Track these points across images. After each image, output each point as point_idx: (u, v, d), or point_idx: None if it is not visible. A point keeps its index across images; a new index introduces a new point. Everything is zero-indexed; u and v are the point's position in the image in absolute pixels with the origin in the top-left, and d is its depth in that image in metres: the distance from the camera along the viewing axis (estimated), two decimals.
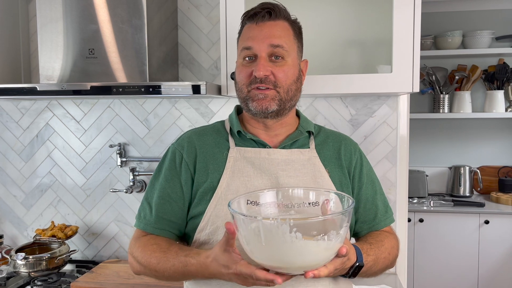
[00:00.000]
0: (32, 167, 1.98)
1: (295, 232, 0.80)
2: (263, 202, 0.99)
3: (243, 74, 1.10)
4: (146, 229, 1.13)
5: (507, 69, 3.05)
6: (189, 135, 1.19)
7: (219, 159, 1.13)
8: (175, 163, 1.14)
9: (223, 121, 1.24)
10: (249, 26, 1.11)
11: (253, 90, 1.08)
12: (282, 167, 1.11)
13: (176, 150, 1.16)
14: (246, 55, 1.10)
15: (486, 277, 2.81)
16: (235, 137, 1.16)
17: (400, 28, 1.40)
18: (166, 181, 1.14)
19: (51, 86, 1.54)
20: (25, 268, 1.67)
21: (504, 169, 3.22)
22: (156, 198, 1.13)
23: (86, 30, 1.59)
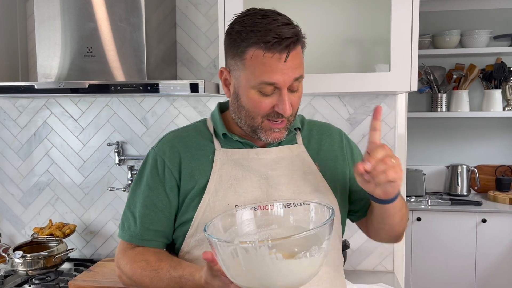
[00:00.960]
0: (29, 166, 1.98)
1: (275, 253, 0.76)
2: (239, 221, 0.94)
3: (262, 107, 0.98)
4: (132, 240, 1.08)
5: (505, 68, 3.06)
6: (170, 139, 1.11)
7: (205, 162, 1.06)
8: (157, 170, 1.07)
9: (204, 120, 1.16)
10: (270, 57, 0.93)
11: (268, 122, 1.00)
12: (272, 166, 1.07)
13: (157, 156, 1.08)
14: (267, 90, 0.96)
15: (483, 275, 2.82)
16: (220, 138, 1.09)
17: (398, 27, 1.40)
18: (149, 189, 1.07)
19: (49, 84, 1.54)
20: (23, 267, 1.67)
21: (502, 168, 3.23)
22: (141, 208, 1.07)
23: (84, 28, 1.58)
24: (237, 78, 1.00)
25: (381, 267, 1.76)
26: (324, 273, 1.03)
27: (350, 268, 1.77)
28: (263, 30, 0.93)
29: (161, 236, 1.09)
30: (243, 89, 0.99)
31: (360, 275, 1.71)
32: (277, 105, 0.98)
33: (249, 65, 0.96)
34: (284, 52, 0.93)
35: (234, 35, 0.97)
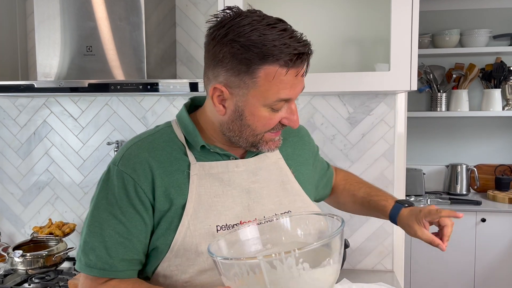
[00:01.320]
0: (29, 165, 1.98)
1: (302, 263, 0.72)
2: (244, 239, 0.88)
3: (272, 123, 0.91)
4: (103, 275, 0.91)
5: (504, 67, 3.06)
6: (137, 153, 0.94)
7: (179, 179, 0.93)
8: (126, 191, 0.91)
9: (169, 126, 1.01)
10: (288, 74, 0.86)
11: (269, 133, 0.93)
12: (252, 179, 0.99)
13: (123, 174, 0.92)
14: (280, 106, 0.90)
15: (483, 274, 2.83)
16: (194, 149, 0.96)
17: (398, 26, 1.40)
18: (121, 214, 0.91)
19: (48, 83, 1.54)
20: (23, 266, 1.67)
21: (501, 167, 3.24)
22: (112, 236, 0.91)
23: (83, 27, 1.58)
24: (242, 96, 0.88)
25: (381, 266, 1.76)
26: None
27: (350, 267, 1.77)
28: (278, 45, 0.83)
29: (136, 264, 0.95)
30: (251, 108, 0.89)
31: (360, 274, 1.71)
32: (287, 118, 0.92)
33: (262, 84, 0.86)
34: (301, 67, 0.87)
35: (240, 50, 0.84)
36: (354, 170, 1.75)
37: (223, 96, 0.90)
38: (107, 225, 0.92)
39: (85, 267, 0.92)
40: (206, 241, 0.91)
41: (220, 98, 0.91)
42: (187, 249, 0.92)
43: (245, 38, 0.83)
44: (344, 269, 1.71)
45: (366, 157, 1.74)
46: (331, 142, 1.76)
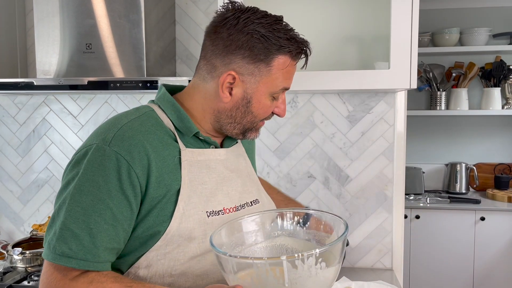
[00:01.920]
0: (28, 162, 1.98)
1: (320, 262, 0.74)
2: (246, 231, 0.90)
3: (270, 111, 1.00)
4: (83, 266, 0.83)
5: (504, 66, 3.06)
6: (132, 135, 0.88)
7: (171, 165, 0.92)
8: (118, 174, 0.85)
9: (151, 110, 0.97)
10: (293, 66, 0.98)
11: (261, 122, 1.02)
12: (230, 167, 1.04)
13: (118, 156, 0.85)
14: (279, 95, 1.00)
15: (481, 273, 2.83)
16: (184, 136, 0.97)
17: (398, 24, 1.40)
18: (109, 198, 0.84)
19: (48, 81, 1.54)
20: (22, 263, 1.67)
21: (500, 166, 3.24)
22: (96, 222, 0.84)
23: (83, 24, 1.58)
24: (253, 84, 0.94)
25: (380, 265, 1.76)
26: None
27: (349, 266, 1.77)
28: (290, 38, 0.93)
29: (115, 255, 0.89)
30: (259, 95, 0.95)
31: (359, 273, 1.71)
32: (278, 107, 1.00)
33: (275, 72, 0.94)
34: (301, 59, 0.97)
35: (259, 39, 0.91)
36: (353, 168, 1.75)
37: (233, 83, 0.94)
38: (92, 210, 0.84)
39: (61, 257, 0.82)
40: (199, 227, 0.92)
41: (229, 85, 0.94)
42: (181, 235, 0.91)
43: (266, 29, 0.91)
44: (344, 267, 1.71)
45: (365, 155, 1.75)
46: (331, 140, 1.76)
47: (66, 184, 0.88)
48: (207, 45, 0.96)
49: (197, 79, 1.00)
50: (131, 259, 0.93)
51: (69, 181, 0.87)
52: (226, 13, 0.94)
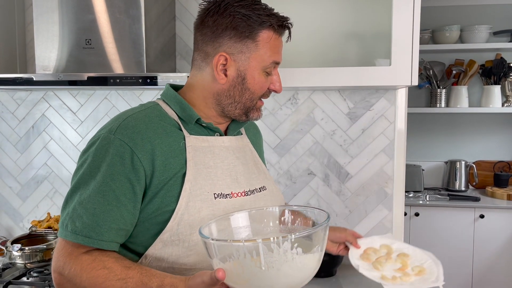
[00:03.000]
0: (28, 158, 1.97)
1: (296, 247, 0.78)
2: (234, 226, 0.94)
3: (265, 87, 1.06)
4: (87, 242, 0.91)
5: (504, 64, 3.05)
6: (135, 124, 0.97)
7: (177, 150, 0.99)
8: (122, 159, 0.92)
9: (156, 104, 1.06)
10: (277, 38, 1.04)
11: (259, 101, 1.08)
12: (236, 154, 1.10)
13: (121, 143, 0.93)
14: (272, 69, 1.05)
15: (480, 270, 2.83)
16: (187, 125, 1.04)
17: (399, 21, 1.39)
18: (111, 181, 0.92)
19: (47, 76, 1.53)
20: (21, 260, 1.66)
21: (500, 164, 3.24)
22: (100, 203, 0.92)
23: (82, 20, 1.57)
24: (244, 61, 1.01)
25: None
26: None
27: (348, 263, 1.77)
28: (270, 14, 1.01)
29: (122, 236, 0.95)
30: (252, 70, 1.02)
31: None
32: (273, 84, 1.05)
33: (262, 46, 1.01)
34: (283, 35, 1.04)
35: (241, 18, 0.99)
36: (353, 165, 1.75)
37: (226, 64, 1.02)
38: (96, 192, 0.92)
39: (70, 234, 0.91)
40: (207, 207, 0.98)
41: (222, 67, 1.02)
42: (190, 214, 0.96)
43: (245, 9, 0.99)
44: (343, 265, 1.71)
45: (366, 152, 1.74)
46: (331, 137, 1.75)
47: (76, 170, 0.97)
48: (197, 36, 1.06)
49: (194, 71, 1.08)
50: (146, 241, 0.98)
51: (78, 167, 0.97)
52: (208, 4, 1.03)
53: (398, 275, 1.09)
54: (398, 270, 1.12)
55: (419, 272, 1.12)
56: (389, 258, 1.16)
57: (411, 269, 1.13)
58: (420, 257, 1.21)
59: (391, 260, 1.15)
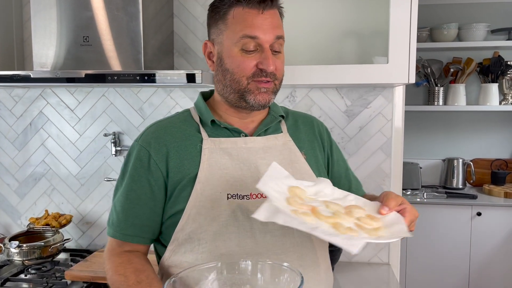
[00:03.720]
0: (25, 156, 1.97)
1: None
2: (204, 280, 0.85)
3: (246, 65, 1.01)
4: (116, 236, 1.06)
5: (502, 62, 3.06)
6: (155, 130, 1.08)
7: (192, 152, 1.04)
8: (141, 162, 1.04)
9: (187, 110, 1.15)
10: (249, 12, 1.00)
11: (254, 82, 1.02)
12: (261, 155, 1.06)
13: (141, 148, 1.05)
14: (249, 45, 1.00)
15: (477, 268, 2.85)
16: (207, 127, 1.08)
17: (397, 19, 1.39)
18: (133, 182, 1.05)
19: (44, 74, 1.53)
20: (19, 257, 1.67)
21: (497, 161, 3.25)
22: (124, 202, 1.05)
23: (80, 17, 1.57)
24: (220, 43, 1.04)
25: (377, 259, 1.77)
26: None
27: (346, 260, 1.78)
28: None
29: (146, 232, 1.06)
30: (226, 50, 1.03)
31: (356, 267, 1.72)
32: (261, 62, 1.01)
33: (231, 23, 1.02)
34: (261, 6, 1.00)
35: (215, 5, 1.05)
36: (351, 163, 1.75)
37: (211, 52, 1.07)
38: (123, 192, 1.06)
39: (108, 228, 1.08)
40: (219, 207, 1.01)
41: (209, 54, 1.08)
42: (199, 213, 1.01)
43: (214, 0, 1.06)
44: (340, 262, 1.71)
45: (363, 150, 1.75)
46: None
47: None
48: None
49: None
50: (168, 237, 1.05)
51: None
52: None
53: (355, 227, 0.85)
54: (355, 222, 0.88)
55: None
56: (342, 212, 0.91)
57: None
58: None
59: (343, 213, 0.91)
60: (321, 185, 0.96)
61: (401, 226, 0.87)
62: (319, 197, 0.93)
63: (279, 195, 0.87)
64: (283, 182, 0.92)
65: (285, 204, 0.85)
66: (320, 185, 0.96)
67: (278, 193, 0.87)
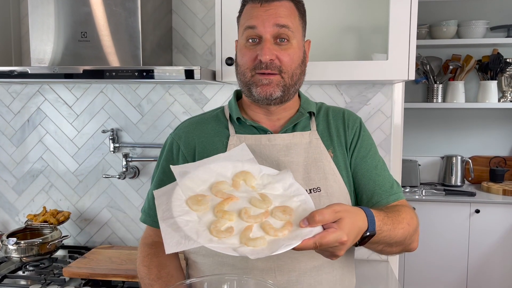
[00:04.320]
0: (23, 152, 1.96)
1: None
2: None
3: (247, 57, 1.03)
4: (147, 221, 1.14)
5: (501, 59, 3.05)
6: (187, 125, 1.16)
7: (219, 148, 1.09)
8: (172, 154, 1.12)
9: (222, 107, 1.20)
10: (252, 6, 1.04)
11: (257, 75, 1.03)
12: (284, 152, 1.07)
13: (173, 140, 1.13)
14: (250, 36, 1.03)
15: (476, 265, 2.85)
16: (235, 124, 1.12)
17: (397, 15, 1.39)
18: (163, 173, 1.12)
19: (42, 69, 1.52)
20: (17, 253, 1.66)
21: (496, 159, 3.25)
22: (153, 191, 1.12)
23: (78, 12, 1.56)
24: (238, 40, 1.10)
25: (375, 256, 1.76)
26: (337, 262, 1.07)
27: None
28: None
29: None
30: (238, 45, 1.09)
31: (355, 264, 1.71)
32: (259, 53, 1.01)
33: (241, 19, 1.08)
34: (265, 1, 1.02)
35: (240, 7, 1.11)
36: None
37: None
38: (154, 181, 1.14)
39: (141, 214, 1.16)
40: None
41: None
42: None
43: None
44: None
45: None
46: None
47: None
48: None
49: None
50: None
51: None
52: None
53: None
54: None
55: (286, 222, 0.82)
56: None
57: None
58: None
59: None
60: (279, 177, 0.93)
61: (288, 243, 0.76)
62: (266, 188, 0.90)
63: (202, 183, 0.89)
64: (235, 165, 0.93)
65: (180, 193, 0.85)
66: (279, 176, 0.93)
67: (201, 181, 0.89)
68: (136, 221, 1.91)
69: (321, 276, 1.02)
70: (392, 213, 0.98)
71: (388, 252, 1.04)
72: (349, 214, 0.82)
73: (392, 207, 1.05)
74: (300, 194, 0.90)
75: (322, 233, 0.78)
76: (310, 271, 1.02)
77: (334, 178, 1.07)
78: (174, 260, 1.10)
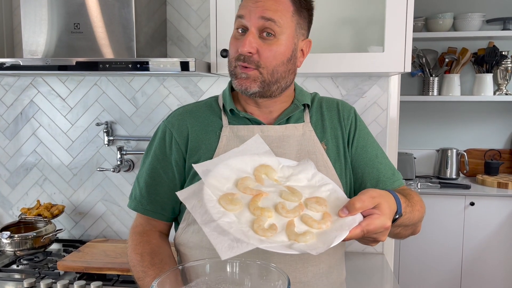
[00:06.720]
0: (16, 145, 1.94)
1: None
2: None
3: (233, 47, 1.03)
4: (138, 209, 1.12)
5: (497, 52, 3.05)
6: (181, 112, 1.13)
7: (211, 138, 1.07)
8: (165, 142, 1.10)
9: (216, 96, 1.17)
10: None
11: (238, 67, 1.01)
12: (277, 144, 1.05)
13: (166, 128, 1.11)
14: (239, 26, 1.01)
15: (470, 257, 2.87)
16: (228, 115, 1.10)
17: (393, 8, 1.38)
18: (156, 161, 1.10)
19: (35, 61, 1.50)
20: (11, 247, 1.65)
21: (490, 152, 3.26)
22: (147, 178, 1.10)
23: (71, 3, 1.54)
24: None
25: (371, 249, 1.77)
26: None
27: None
28: None
29: (166, 210, 1.10)
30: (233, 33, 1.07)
31: (350, 256, 1.72)
32: (239, 45, 0.99)
33: (239, 7, 1.05)
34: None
35: None
36: None
37: None
38: (145, 169, 1.11)
39: (128, 202, 1.14)
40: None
41: None
42: None
43: None
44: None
45: None
46: None
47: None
48: None
49: None
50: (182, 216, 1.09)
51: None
52: None
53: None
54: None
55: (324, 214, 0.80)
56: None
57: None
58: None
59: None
60: (300, 168, 0.91)
61: (338, 234, 0.75)
62: (290, 181, 0.89)
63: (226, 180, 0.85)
64: (253, 159, 0.89)
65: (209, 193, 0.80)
66: (300, 167, 0.91)
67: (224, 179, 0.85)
68: (131, 214, 1.90)
69: (306, 269, 1.01)
70: (407, 196, 0.99)
71: (402, 236, 1.05)
72: (385, 198, 0.83)
73: (402, 190, 1.05)
74: (327, 183, 0.88)
75: (368, 220, 0.78)
76: (296, 263, 1.01)
77: (327, 171, 1.06)
78: (166, 248, 1.08)
